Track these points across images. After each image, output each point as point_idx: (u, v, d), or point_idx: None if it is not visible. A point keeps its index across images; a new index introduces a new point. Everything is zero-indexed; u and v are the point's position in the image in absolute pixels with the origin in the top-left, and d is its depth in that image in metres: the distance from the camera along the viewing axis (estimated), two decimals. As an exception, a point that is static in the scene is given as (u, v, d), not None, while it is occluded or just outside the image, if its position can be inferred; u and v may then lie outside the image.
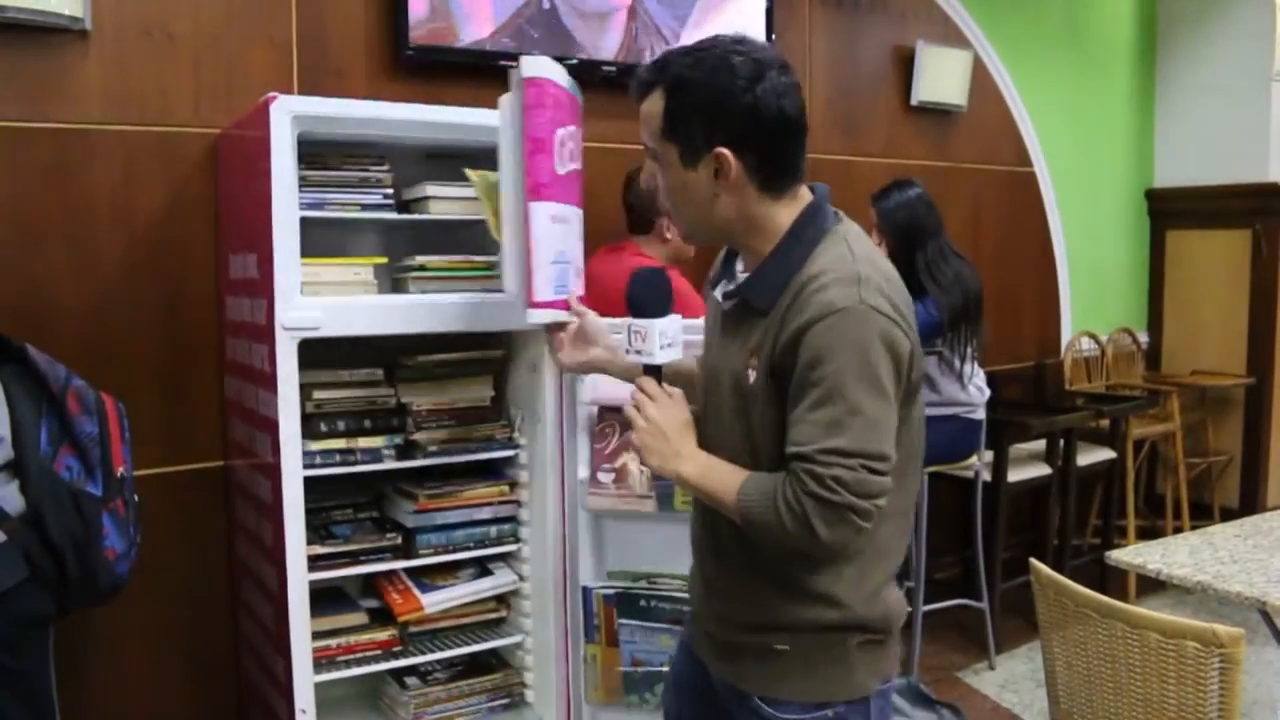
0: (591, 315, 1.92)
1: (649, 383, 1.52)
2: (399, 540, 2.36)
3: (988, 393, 3.39)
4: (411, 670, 2.45)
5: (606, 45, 3.10)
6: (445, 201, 2.38)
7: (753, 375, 1.41)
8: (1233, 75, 4.66)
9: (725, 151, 1.38)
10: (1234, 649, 1.66)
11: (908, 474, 1.46)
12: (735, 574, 1.49)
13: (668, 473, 1.47)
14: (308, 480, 2.14)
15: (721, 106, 1.37)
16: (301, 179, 2.15)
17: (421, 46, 2.77)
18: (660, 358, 1.53)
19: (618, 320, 1.63)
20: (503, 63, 2.89)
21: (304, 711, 2.12)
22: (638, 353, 1.54)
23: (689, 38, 3.22)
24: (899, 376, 1.34)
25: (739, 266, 1.53)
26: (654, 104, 1.42)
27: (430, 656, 2.40)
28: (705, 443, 1.48)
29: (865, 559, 1.43)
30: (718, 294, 1.54)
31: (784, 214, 1.44)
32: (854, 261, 1.36)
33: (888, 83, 3.93)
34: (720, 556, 1.51)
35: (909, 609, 1.55)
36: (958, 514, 3.93)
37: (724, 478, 1.41)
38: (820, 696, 1.44)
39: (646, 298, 1.55)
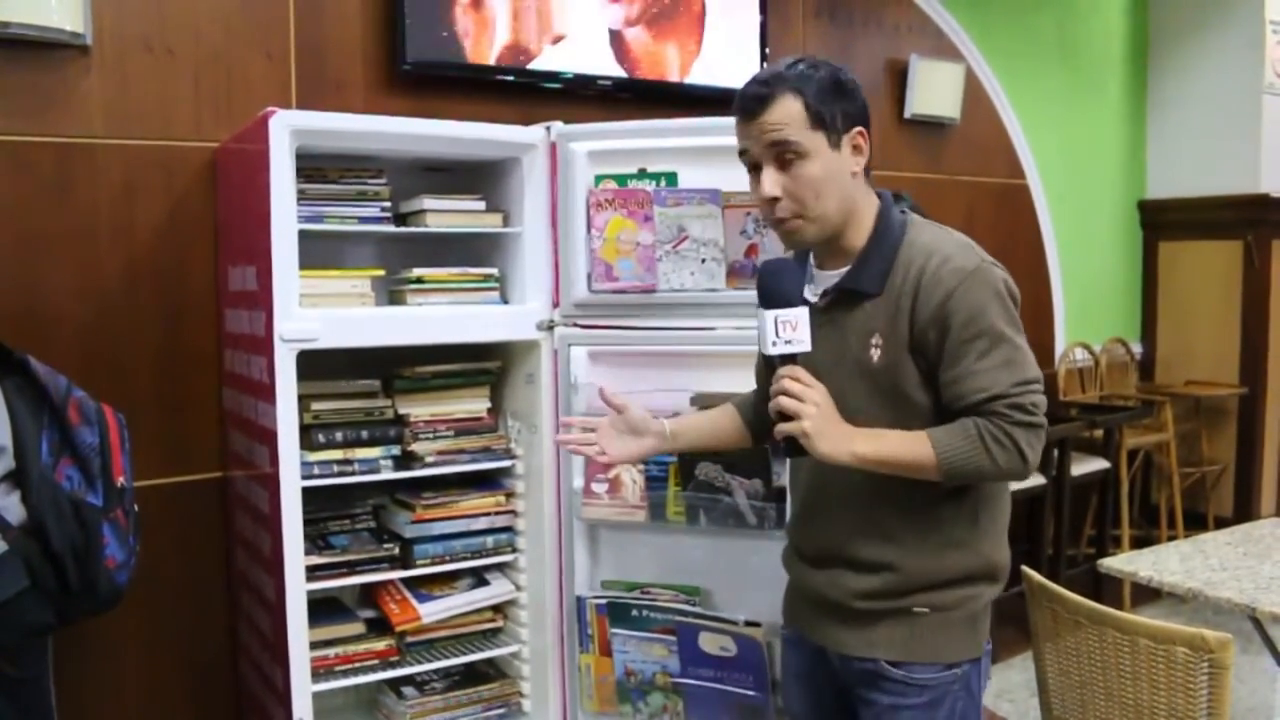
0: (634, 404, 1.81)
1: (803, 372, 1.50)
2: (396, 550, 2.37)
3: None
4: (409, 680, 2.47)
5: (606, 62, 3.12)
6: (442, 214, 2.40)
7: (877, 354, 1.52)
8: (1224, 87, 4.69)
9: (862, 129, 1.55)
10: (1222, 654, 1.68)
11: None
12: (875, 544, 1.56)
13: (841, 454, 1.47)
14: (305, 491, 2.16)
15: (848, 94, 1.54)
16: (300, 192, 2.17)
17: (419, 61, 2.79)
18: (810, 345, 1.50)
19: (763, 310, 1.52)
20: (499, 78, 2.94)
21: (302, 720, 2.13)
22: (787, 343, 1.49)
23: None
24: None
25: (813, 264, 1.63)
26: (787, 106, 1.50)
27: (427, 666, 2.41)
28: None
29: (995, 501, 1.59)
30: (807, 294, 1.58)
31: (871, 204, 1.59)
32: (951, 234, 1.57)
33: (881, 96, 3.96)
34: (861, 532, 1.57)
35: None
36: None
37: (904, 443, 1.48)
38: (952, 657, 1.57)
39: (784, 286, 1.52)
